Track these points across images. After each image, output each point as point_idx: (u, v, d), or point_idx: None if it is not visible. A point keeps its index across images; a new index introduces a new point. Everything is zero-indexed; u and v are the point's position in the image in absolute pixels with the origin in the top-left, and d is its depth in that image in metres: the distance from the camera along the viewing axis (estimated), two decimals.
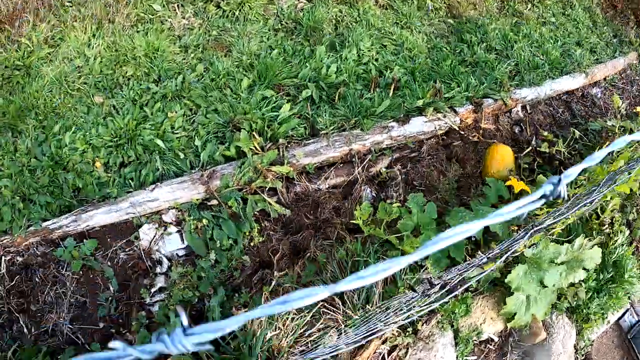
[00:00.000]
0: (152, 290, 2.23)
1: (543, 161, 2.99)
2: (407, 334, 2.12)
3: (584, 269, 2.17)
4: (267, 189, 2.05)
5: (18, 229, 2.35)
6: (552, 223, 2.15)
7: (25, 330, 2.13)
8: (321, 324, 1.90)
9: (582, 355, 2.68)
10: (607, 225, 2.50)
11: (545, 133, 3.08)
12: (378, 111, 2.21)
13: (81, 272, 2.31)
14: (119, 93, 2.55)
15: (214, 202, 2.10)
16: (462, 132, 2.50)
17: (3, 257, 2.39)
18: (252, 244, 2.07)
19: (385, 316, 1.93)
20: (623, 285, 2.36)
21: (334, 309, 1.91)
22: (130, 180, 2.32)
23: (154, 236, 2.26)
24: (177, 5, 2.72)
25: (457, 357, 2.28)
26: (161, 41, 2.57)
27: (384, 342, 2.07)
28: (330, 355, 1.93)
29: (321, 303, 1.89)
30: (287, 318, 1.87)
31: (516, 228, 2.34)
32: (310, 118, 2.14)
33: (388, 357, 2.13)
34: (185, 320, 0.40)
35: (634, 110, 2.99)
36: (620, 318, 2.81)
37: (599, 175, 2.32)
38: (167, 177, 2.23)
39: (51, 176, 2.53)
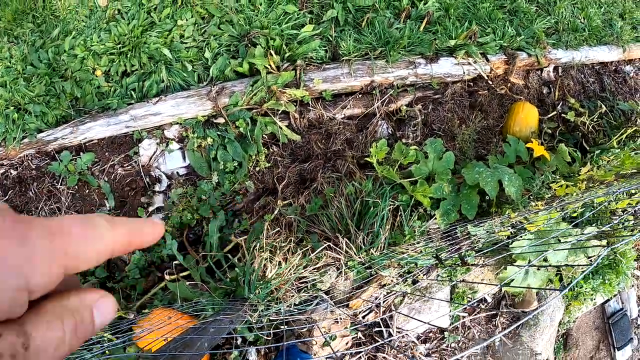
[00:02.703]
0: (150, 209, 2.14)
1: (566, 129, 2.85)
2: (406, 283, 2.06)
3: (587, 256, 2.11)
4: (279, 112, 1.91)
5: (12, 141, 2.22)
6: (569, 203, 2.05)
7: None
8: (323, 262, 1.83)
9: (564, 330, 2.69)
10: (617, 216, 2.41)
11: (573, 101, 2.92)
12: (406, 44, 2.03)
13: (77, 187, 2.21)
14: None
15: (221, 120, 1.95)
16: (490, 82, 2.32)
17: None
18: (257, 168, 1.96)
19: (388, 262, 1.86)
20: (618, 274, 2.31)
21: (338, 250, 1.83)
22: (132, 91, 2.16)
23: (154, 152, 2.14)
24: None
25: (450, 311, 2.26)
26: None
27: (382, 287, 2.02)
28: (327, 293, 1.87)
29: (325, 243, 1.81)
30: (289, 251, 1.79)
31: (528, 194, 2.24)
32: (333, 41, 1.96)
33: (384, 302, 2.09)
34: None
35: None
36: (606, 302, 2.80)
37: (626, 163, 2.20)
38: (172, 91, 2.07)
39: (48, 84, 2.37)
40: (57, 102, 2.36)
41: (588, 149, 2.73)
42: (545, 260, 2.14)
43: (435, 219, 2.12)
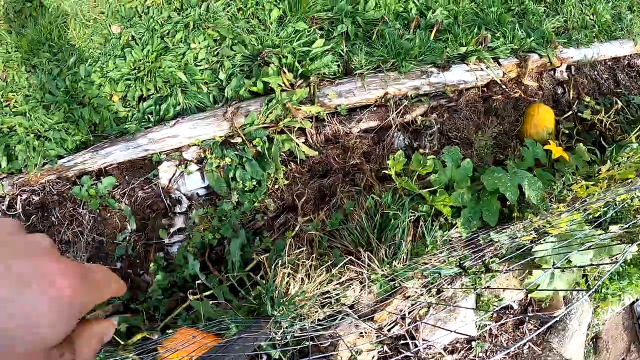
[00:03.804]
0: (171, 230, 2.16)
1: (583, 128, 2.81)
2: (430, 293, 2.04)
3: (611, 255, 2.07)
4: (295, 129, 1.92)
5: (33, 167, 2.28)
6: (591, 203, 2.02)
7: None
8: (346, 277, 1.82)
9: (593, 333, 2.63)
10: None
11: (588, 99, 2.88)
12: (418, 54, 2.03)
13: (98, 211, 2.25)
14: (138, 23, 2.38)
15: (238, 140, 1.97)
16: (504, 86, 2.31)
17: (19, 197, 2.33)
18: (276, 186, 1.97)
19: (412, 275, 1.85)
20: None
21: (360, 264, 1.82)
22: (149, 115, 2.20)
23: (174, 174, 2.17)
24: None
25: (476, 321, 2.23)
26: None
27: (406, 298, 2.00)
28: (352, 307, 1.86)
29: (347, 257, 1.81)
30: (311, 267, 1.79)
31: (549, 197, 2.21)
32: (345, 56, 1.97)
33: (409, 314, 2.07)
34: None
35: None
36: (634, 302, 2.73)
37: None
38: (189, 113, 2.10)
39: (66, 112, 2.43)
40: (76, 129, 2.41)
41: (607, 146, 2.69)
42: (570, 262, 2.11)
43: (457, 227, 2.11)
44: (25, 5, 3.02)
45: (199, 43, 2.12)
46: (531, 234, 2.02)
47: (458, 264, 1.95)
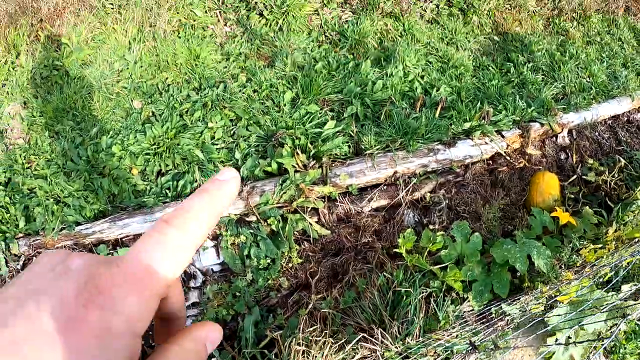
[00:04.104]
0: (186, 304, 2.18)
1: (588, 191, 2.87)
2: None
3: (624, 315, 2.07)
4: (308, 208, 1.99)
5: (51, 231, 2.34)
6: (602, 267, 2.05)
7: None
8: (360, 354, 1.82)
9: None
10: None
11: (591, 161, 2.96)
12: (424, 132, 2.13)
13: None
14: (159, 99, 2.52)
15: (253, 218, 2.04)
16: (508, 157, 2.39)
17: (34, 257, 2.38)
18: (290, 264, 2.01)
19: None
20: None
21: (374, 341, 1.83)
22: (167, 190, 2.28)
23: None
24: (219, 12, 2.69)
25: None
26: (203, 48, 2.54)
27: None
28: None
29: (361, 334, 1.82)
30: (325, 345, 1.80)
31: (559, 264, 2.24)
32: (355, 136, 2.07)
33: None
34: None
35: None
36: None
37: None
38: None
39: (86, 180, 2.52)
40: (95, 198, 2.50)
41: (613, 206, 2.73)
42: (583, 329, 2.09)
43: (469, 301, 2.12)
44: (52, 72, 3.20)
45: (216, 122, 2.24)
46: (542, 304, 2.03)
47: (469, 342, 1.94)
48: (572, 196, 2.69)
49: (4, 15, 3.39)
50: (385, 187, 2.06)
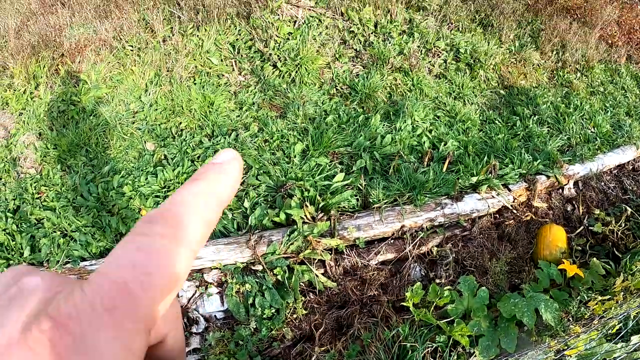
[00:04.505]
0: (186, 349, 2.16)
1: (596, 241, 2.85)
2: None
3: None
4: (315, 260, 2.00)
5: (55, 263, 2.35)
6: (610, 319, 2.02)
7: None
8: None
9: None
10: None
11: (597, 211, 2.96)
12: (432, 186, 2.16)
13: None
14: (172, 143, 2.59)
15: (259, 267, 2.05)
16: (515, 211, 2.41)
17: None
18: (294, 315, 2.00)
19: None
20: None
21: None
22: None
23: (194, 294, 2.22)
24: (235, 62, 2.80)
25: None
26: (217, 96, 2.63)
27: None
28: None
29: None
30: None
31: (567, 317, 2.20)
32: (363, 189, 2.11)
33: None
34: None
35: None
36: None
37: None
38: (213, 237, 2.21)
39: (95, 217, 2.55)
40: (102, 235, 2.52)
41: (620, 256, 2.71)
42: None
43: (475, 356, 2.07)
44: (69, 107, 3.30)
45: None
46: (550, 357, 1.98)
47: None
48: (580, 248, 2.68)
49: (27, 46, 3.55)
50: (392, 241, 2.07)
